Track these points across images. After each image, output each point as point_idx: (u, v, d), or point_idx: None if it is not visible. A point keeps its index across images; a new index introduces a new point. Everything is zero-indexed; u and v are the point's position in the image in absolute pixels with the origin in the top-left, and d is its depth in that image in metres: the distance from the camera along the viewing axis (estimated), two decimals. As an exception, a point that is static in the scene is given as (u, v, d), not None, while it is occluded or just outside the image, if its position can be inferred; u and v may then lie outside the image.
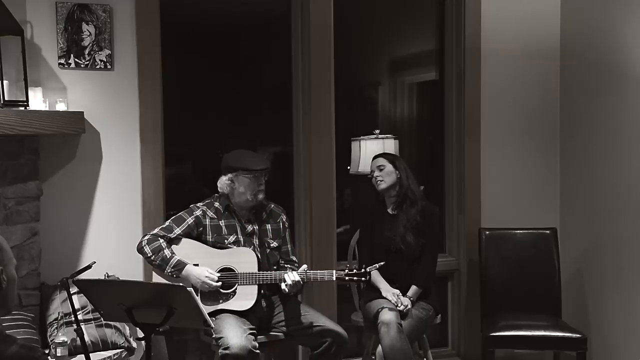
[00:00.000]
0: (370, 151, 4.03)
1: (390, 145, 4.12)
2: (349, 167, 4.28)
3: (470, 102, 4.43)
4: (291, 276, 3.31)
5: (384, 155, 3.88)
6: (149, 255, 3.36)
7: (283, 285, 3.33)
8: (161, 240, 3.38)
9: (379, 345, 3.48)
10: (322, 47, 4.13)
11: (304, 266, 3.41)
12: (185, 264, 3.35)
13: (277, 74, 4.33)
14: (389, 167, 3.79)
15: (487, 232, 4.25)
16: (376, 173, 3.80)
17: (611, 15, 4.14)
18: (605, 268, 4.25)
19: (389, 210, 3.85)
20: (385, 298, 3.64)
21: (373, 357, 3.66)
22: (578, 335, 3.77)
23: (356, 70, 4.61)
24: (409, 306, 3.62)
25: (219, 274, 3.36)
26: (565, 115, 4.58)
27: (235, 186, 3.45)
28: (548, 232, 4.25)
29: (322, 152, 4.16)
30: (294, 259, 3.64)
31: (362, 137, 4.17)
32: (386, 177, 3.78)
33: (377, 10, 4.50)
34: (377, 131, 4.17)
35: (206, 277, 3.32)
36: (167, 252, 3.36)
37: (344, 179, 4.34)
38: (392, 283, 3.72)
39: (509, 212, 4.50)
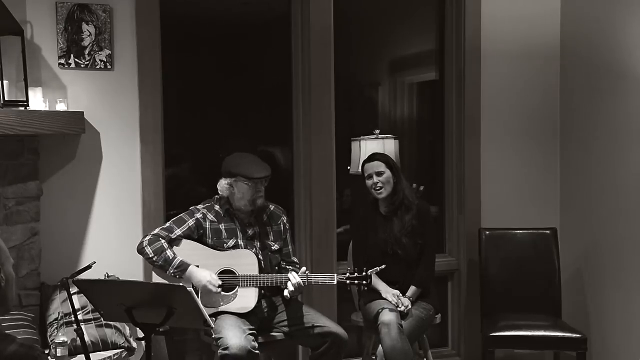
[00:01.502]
0: (371, 151, 4.00)
1: (390, 145, 4.11)
2: (349, 167, 4.28)
3: (470, 102, 4.43)
4: (293, 280, 3.30)
5: (379, 157, 3.77)
6: (150, 255, 3.34)
7: (286, 292, 3.32)
8: (163, 241, 3.37)
9: (380, 346, 3.47)
10: (322, 47, 4.13)
11: (303, 268, 3.41)
12: (188, 265, 3.35)
13: (277, 74, 4.32)
14: (388, 173, 3.71)
15: (487, 232, 4.25)
16: (375, 179, 3.71)
17: (611, 15, 4.13)
18: (605, 268, 4.25)
19: (382, 212, 3.81)
20: (385, 299, 3.64)
21: (373, 357, 3.66)
22: (578, 335, 3.77)
23: (356, 70, 4.61)
24: (409, 306, 3.62)
25: (220, 282, 3.34)
26: (565, 115, 4.58)
27: (234, 191, 3.43)
28: (548, 232, 4.25)
29: (322, 152, 4.16)
30: (295, 260, 3.64)
31: (362, 137, 4.16)
32: (386, 184, 3.70)
33: (377, 11, 4.50)
34: (377, 131, 4.17)
35: (208, 281, 3.31)
36: (169, 252, 3.35)
37: (344, 179, 4.33)
38: (391, 285, 3.70)
39: (509, 212, 4.50)
